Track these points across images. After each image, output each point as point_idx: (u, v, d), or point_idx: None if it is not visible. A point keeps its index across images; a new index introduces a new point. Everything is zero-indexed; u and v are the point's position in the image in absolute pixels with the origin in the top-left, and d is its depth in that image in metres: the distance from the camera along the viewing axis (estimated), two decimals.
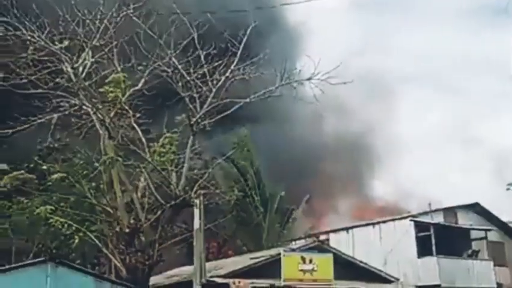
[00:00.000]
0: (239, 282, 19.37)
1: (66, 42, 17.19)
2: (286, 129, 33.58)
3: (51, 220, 19.07)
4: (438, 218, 30.19)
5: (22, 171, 20.64)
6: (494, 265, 30.15)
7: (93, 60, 18.22)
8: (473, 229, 30.60)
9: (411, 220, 29.06)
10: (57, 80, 18.01)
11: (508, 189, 47.73)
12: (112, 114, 17.89)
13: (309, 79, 18.70)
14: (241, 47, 19.11)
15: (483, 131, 58.20)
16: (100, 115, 17.79)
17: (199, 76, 18.70)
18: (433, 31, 57.58)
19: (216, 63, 18.89)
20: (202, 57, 18.77)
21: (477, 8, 64.58)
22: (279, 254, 20.71)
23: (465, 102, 59.89)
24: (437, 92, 61.18)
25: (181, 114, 19.59)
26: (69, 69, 17.55)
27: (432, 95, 59.33)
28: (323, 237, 30.30)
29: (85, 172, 19.81)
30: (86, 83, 17.71)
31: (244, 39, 19.13)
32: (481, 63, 58.40)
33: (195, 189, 17.93)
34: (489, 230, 30.96)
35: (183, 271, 22.88)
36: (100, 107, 17.56)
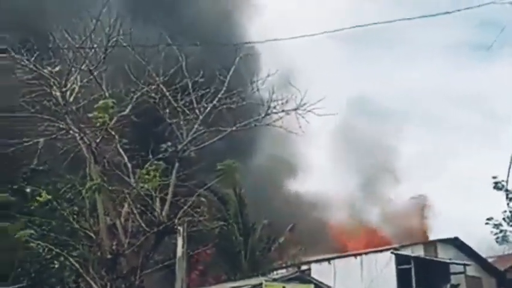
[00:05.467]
0: None
1: (57, 68, 17.27)
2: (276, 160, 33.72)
3: (31, 244, 18.84)
4: (419, 251, 30.37)
5: (6, 194, 20.44)
6: None
7: (81, 84, 18.31)
8: (453, 263, 30.83)
9: (392, 253, 29.22)
10: (44, 103, 18.05)
11: (486, 223, 48.31)
12: (98, 140, 17.92)
13: (295, 109, 18.94)
14: (228, 76, 19.35)
15: (467, 164, 58.73)
16: (86, 140, 17.80)
17: (186, 104, 18.87)
18: (418, 65, 58.64)
19: (203, 91, 19.09)
20: (190, 85, 18.96)
21: (458, 44, 65.97)
22: (261, 283, 20.66)
23: (446, 135, 60.67)
24: (420, 124, 62.05)
25: (167, 141, 19.67)
26: (57, 93, 17.61)
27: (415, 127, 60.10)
28: (304, 267, 30.25)
29: (68, 196, 19.69)
30: (74, 107, 17.76)
31: (232, 70, 19.39)
32: (462, 97, 59.38)
33: (178, 216, 17.92)
34: (468, 264, 31.21)
35: None
36: (88, 131, 17.59)
